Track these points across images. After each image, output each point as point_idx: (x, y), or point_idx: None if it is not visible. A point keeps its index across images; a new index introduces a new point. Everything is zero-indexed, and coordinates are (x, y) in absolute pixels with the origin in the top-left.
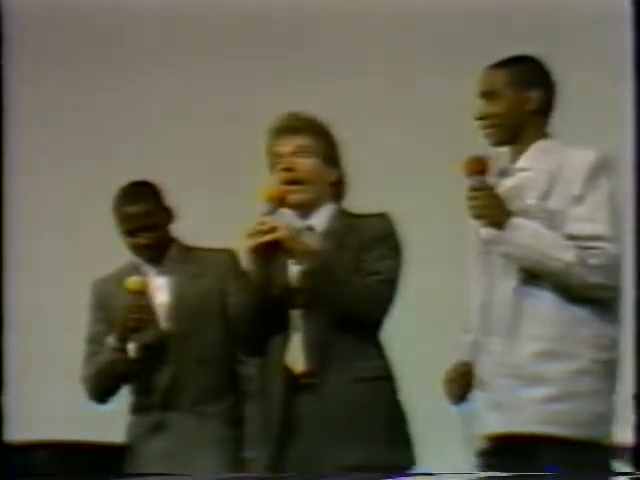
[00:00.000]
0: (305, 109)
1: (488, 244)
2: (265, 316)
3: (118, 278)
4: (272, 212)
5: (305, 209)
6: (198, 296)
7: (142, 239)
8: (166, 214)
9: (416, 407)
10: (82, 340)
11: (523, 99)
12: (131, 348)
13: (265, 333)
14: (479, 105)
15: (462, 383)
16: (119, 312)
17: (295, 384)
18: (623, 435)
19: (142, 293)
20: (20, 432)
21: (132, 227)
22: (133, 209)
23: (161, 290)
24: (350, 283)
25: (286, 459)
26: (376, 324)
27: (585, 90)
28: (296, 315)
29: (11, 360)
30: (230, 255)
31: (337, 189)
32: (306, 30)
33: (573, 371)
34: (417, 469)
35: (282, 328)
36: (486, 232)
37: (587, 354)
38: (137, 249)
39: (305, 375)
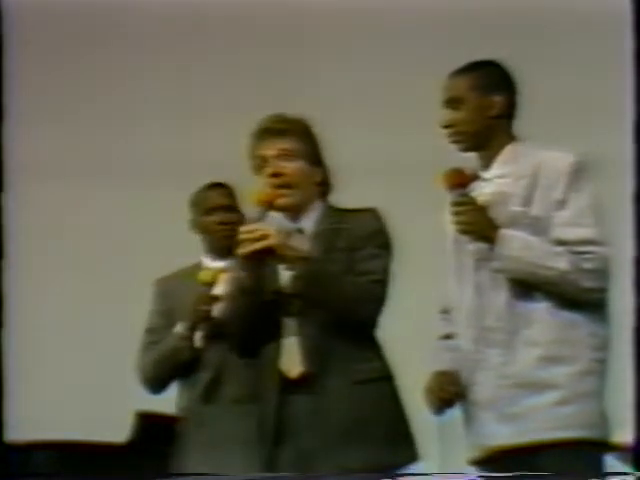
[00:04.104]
0: (294, 108)
1: (478, 260)
2: (257, 321)
3: (183, 276)
4: (261, 216)
5: (294, 212)
6: None
7: (222, 217)
8: (239, 214)
9: (416, 408)
10: (82, 340)
11: (487, 104)
12: (197, 337)
13: (258, 337)
14: (444, 113)
15: (441, 393)
16: (184, 304)
17: (289, 388)
18: (623, 435)
19: (212, 285)
20: (20, 432)
21: (214, 205)
22: (216, 191)
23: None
24: (342, 285)
25: (281, 463)
26: (371, 324)
27: (584, 90)
28: (291, 319)
29: (11, 360)
30: None
31: (323, 187)
32: (305, 29)
33: (576, 373)
34: (417, 470)
35: (275, 333)
36: (475, 247)
37: (586, 355)
38: (214, 231)
39: (302, 379)
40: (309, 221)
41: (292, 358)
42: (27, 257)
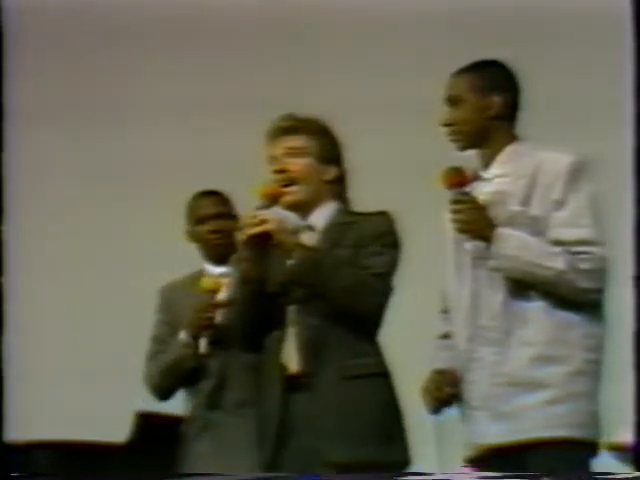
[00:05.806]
0: (306, 108)
1: (476, 258)
2: (260, 311)
3: (185, 284)
4: (265, 207)
5: (302, 209)
6: None
7: (213, 226)
8: (234, 220)
9: (414, 408)
10: (82, 340)
11: (485, 104)
12: (202, 344)
13: (261, 329)
14: (445, 111)
15: (438, 393)
16: (187, 312)
17: (292, 383)
18: (623, 435)
19: (215, 292)
20: (20, 432)
21: (204, 214)
22: (207, 200)
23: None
24: (340, 275)
25: (284, 458)
26: (373, 321)
27: (584, 90)
28: (292, 313)
29: (11, 360)
30: None
31: (337, 187)
32: (307, 28)
33: (569, 373)
34: (414, 468)
35: (278, 324)
36: (473, 246)
37: (579, 355)
38: (207, 239)
39: (300, 375)
40: (319, 218)
41: (293, 353)
42: (28, 254)
